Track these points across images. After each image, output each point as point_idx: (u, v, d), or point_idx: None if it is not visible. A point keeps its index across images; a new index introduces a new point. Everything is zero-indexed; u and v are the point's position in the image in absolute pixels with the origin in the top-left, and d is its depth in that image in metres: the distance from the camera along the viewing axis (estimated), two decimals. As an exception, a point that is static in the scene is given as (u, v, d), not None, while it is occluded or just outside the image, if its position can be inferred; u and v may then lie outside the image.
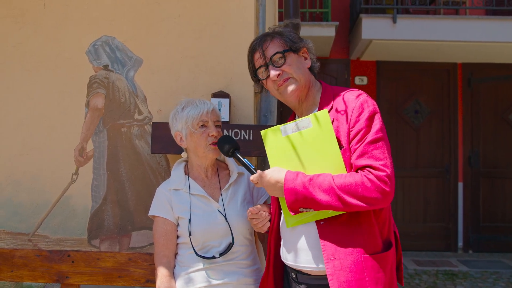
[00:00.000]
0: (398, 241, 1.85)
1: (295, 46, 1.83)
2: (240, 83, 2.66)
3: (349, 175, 1.64)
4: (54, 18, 2.77)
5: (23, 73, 2.76)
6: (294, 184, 1.68)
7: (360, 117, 1.67)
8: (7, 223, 2.72)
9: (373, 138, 1.65)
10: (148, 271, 2.34)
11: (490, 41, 6.21)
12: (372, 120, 1.67)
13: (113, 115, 2.72)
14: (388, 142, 1.70)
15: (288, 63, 1.81)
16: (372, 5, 6.44)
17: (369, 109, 1.69)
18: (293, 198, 1.68)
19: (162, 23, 2.72)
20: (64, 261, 2.38)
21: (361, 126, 1.66)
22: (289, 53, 1.82)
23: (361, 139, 1.66)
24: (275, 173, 1.74)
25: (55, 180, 2.72)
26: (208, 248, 2.05)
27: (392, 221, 1.82)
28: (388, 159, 1.64)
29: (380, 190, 1.60)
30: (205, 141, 2.07)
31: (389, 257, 1.70)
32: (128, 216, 2.69)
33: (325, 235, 1.70)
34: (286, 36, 1.83)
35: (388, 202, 1.65)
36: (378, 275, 1.65)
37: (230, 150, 1.97)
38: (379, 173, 1.61)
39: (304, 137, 1.73)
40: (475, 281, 5.68)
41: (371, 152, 1.64)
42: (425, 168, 7.22)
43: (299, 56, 1.84)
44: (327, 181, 1.64)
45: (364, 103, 1.70)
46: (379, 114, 1.71)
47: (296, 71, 1.82)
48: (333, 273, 1.65)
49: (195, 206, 2.08)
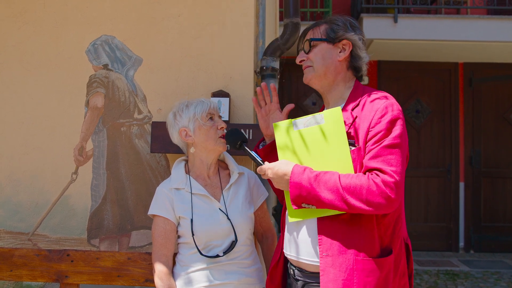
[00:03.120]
0: (410, 254, 1.81)
1: (333, 36, 1.82)
2: (240, 82, 2.66)
3: (356, 176, 1.62)
4: (54, 17, 2.77)
5: (23, 73, 2.76)
6: (300, 178, 1.66)
7: (382, 119, 1.65)
8: (7, 222, 2.72)
9: (390, 143, 1.62)
10: (147, 270, 2.34)
11: (492, 40, 6.20)
12: (393, 124, 1.65)
13: (112, 114, 2.72)
14: (405, 151, 1.67)
15: (313, 52, 1.84)
16: (373, 4, 6.43)
17: (393, 113, 1.66)
18: (297, 192, 1.66)
19: (162, 22, 2.72)
20: (63, 261, 2.38)
21: (380, 128, 1.64)
22: (321, 42, 1.83)
23: (378, 141, 1.63)
24: (283, 165, 1.73)
25: (55, 179, 2.72)
26: (210, 248, 2.05)
27: (402, 232, 1.75)
28: (400, 166, 1.61)
29: (385, 195, 1.57)
30: (215, 134, 2.09)
31: (385, 264, 1.65)
32: (128, 216, 2.68)
33: (324, 230, 1.69)
34: (333, 25, 1.83)
35: (392, 209, 1.62)
36: (367, 279, 1.62)
37: (238, 142, 1.99)
38: (387, 178, 1.58)
39: (315, 133, 1.73)
40: (476, 281, 5.66)
41: (385, 156, 1.61)
42: (426, 168, 7.21)
43: (335, 47, 1.83)
44: (333, 180, 1.62)
45: (389, 106, 1.67)
46: (402, 120, 1.68)
47: (318, 61, 1.83)
48: (324, 268, 1.65)
49: (197, 205, 2.08)
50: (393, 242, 1.71)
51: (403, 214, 1.80)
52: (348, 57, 1.83)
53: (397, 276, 1.71)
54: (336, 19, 1.86)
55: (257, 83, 2.79)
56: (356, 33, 1.83)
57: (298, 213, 1.74)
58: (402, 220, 1.76)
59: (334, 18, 1.87)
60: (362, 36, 1.86)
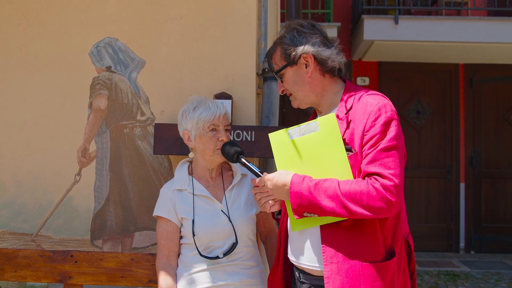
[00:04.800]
0: (412, 251, 1.80)
1: (289, 59, 1.79)
2: (242, 84, 2.67)
3: (355, 182, 1.61)
4: (57, 19, 2.78)
5: (26, 74, 2.78)
6: (300, 187, 1.66)
7: (376, 122, 1.63)
8: (11, 223, 2.73)
9: (386, 145, 1.61)
10: (150, 271, 2.35)
11: (492, 42, 6.22)
12: (388, 126, 1.63)
13: (115, 116, 2.73)
14: (402, 151, 1.66)
15: (285, 81, 1.84)
16: (374, 6, 6.45)
17: (386, 115, 1.64)
18: (298, 201, 1.66)
19: (164, 24, 2.73)
20: (67, 261, 2.40)
21: (375, 132, 1.62)
22: (285, 69, 1.81)
23: (374, 145, 1.62)
24: (282, 176, 1.73)
25: (58, 180, 2.73)
26: (211, 249, 2.06)
27: (402, 229, 1.75)
28: (398, 168, 1.60)
29: (385, 200, 1.57)
30: (214, 145, 2.06)
31: (390, 266, 1.66)
32: (131, 217, 2.70)
33: (327, 237, 1.69)
34: (284, 46, 1.80)
35: (393, 212, 1.62)
36: (375, 284, 1.62)
37: (234, 156, 1.97)
38: (386, 182, 1.58)
39: (312, 141, 1.72)
40: (476, 282, 5.68)
41: (382, 159, 1.60)
42: (427, 169, 7.23)
43: (298, 66, 1.80)
44: (333, 187, 1.62)
45: (382, 108, 1.65)
46: (397, 121, 1.66)
47: (292, 88, 1.83)
48: (330, 276, 1.65)
49: (198, 206, 2.09)
50: (395, 242, 1.71)
51: (404, 210, 1.78)
52: (317, 66, 1.79)
53: (400, 274, 1.72)
54: (283, 37, 1.82)
55: (259, 85, 2.81)
56: (307, 40, 1.78)
57: (301, 222, 1.74)
58: (402, 216, 1.75)
59: (281, 36, 1.83)
60: (314, 32, 1.79)
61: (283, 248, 1.92)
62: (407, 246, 1.79)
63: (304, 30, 1.80)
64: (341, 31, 7.06)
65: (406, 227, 1.82)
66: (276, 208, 1.89)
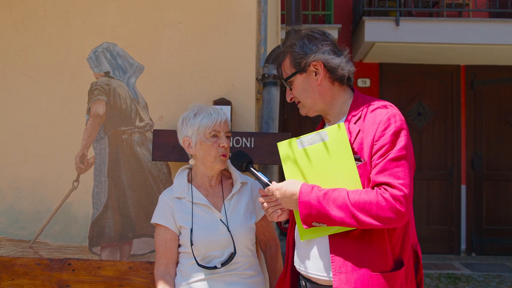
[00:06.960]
0: (420, 261, 1.80)
1: (299, 66, 1.78)
2: (242, 90, 2.65)
3: (365, 192, 1.61)
4: (56, 24, 2.76)
5: (24, 80, 2.76)
6: (309, 197, 1.65)
7: (385, 131, 1.63)
8: (8, 230, 2.71)
9: (396, 155, 1.61)
10: (148, 279, 2.34)
11: (493, 43, 6.20)
12: (397, 136, 1.63)
13: (114, 122, 2.71)
14: (411, 161, 1.65)
15: (294, 88, 1.83)
16: (375, 7, 6.43)
17: (396, 125, 1.64)
18: (307, 211, 1.65)
19: (163, 30, 2.71)
20: (64, 270, 2.39)
21: (385, 141, 1.62)
22: (295, 76, 1.80)
23: (383, 154, 1.62)
24: (290, 185, 1.72)
25: (56, 187, 2.71)
26: (210, 259, 2.04)
27: (411, 240, 1.75)
28: (408, 178, 1.60)
29: (395, 210, 1.56)
30: (216, 152, 2.05)
31: (398, 277, 1.66)
32: (129, 224, 2.68)
33: (336, 247, 1.68)
34: (294, 53, 1.79)
35: (403, 222, 1.61)
36: None
37: (243, 165, 1.96)
38: (396, 192, 1.57)
39: (320, 150, 1.71)
40: (478, 285, 5.66)
41: (392, 169, 1.60)
42: (428, 171, 7.21)
43: (308, 74, 1.79)
44: (342, 197, 1.61)
45: (391, 118, 1.65)
46: (406, 131, 1.66)
47: (301, 96, 1.82)
48: (339, 286, 1.64)
49: (197, 215, 2.07)
50: (403, 252, 1.71)
51: (413, 220, 1.78)
52: (326, 74, 1.78)
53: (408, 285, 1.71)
54: (293, 44, 1.81)
55: (258, 90, 2.78)
56: (318, 47, 1.77)
57: (309, 231, 1.73)
58: (410, 226, 1.75)
59: (291, 44, 1.82)
60: (325, 40, 1.79)
61: (291, 257, 1.91)
62: (415, 256, 1.79)
63: (315, 37, 1.80)
64: (342, 32, 7.05)
65: (415, 237, 1.82)
66: (284, 217, 1.87)
